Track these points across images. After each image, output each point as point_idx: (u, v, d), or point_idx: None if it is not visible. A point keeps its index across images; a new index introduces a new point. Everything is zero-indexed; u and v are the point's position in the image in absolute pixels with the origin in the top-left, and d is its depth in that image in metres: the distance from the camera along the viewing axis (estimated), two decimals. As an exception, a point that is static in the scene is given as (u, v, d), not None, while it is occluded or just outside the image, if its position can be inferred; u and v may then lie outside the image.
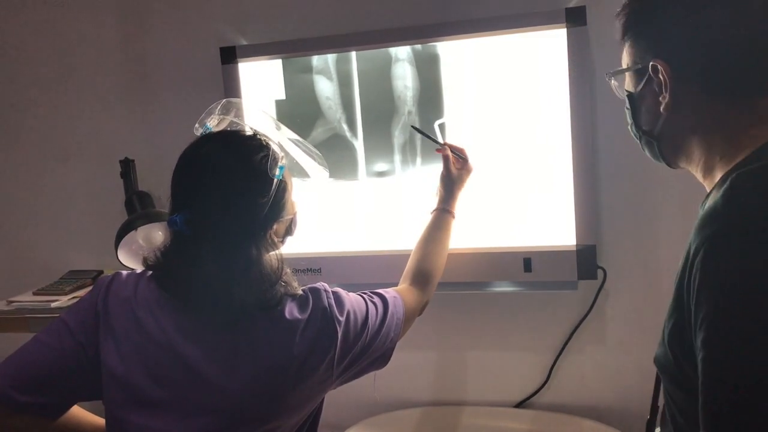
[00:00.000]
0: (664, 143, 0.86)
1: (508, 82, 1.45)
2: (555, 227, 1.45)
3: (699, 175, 0.85)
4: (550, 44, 1.40)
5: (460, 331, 1.66)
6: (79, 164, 1.83)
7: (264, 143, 1.01)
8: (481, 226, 1.50)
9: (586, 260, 1.43)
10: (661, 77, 0.81)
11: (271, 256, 1.02)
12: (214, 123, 1.06)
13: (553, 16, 1.38)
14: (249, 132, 1.04)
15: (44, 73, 1.82)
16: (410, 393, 1.70)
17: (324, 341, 1.00)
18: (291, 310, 1.00)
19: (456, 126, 1.49)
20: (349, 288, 1.12)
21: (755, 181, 0.68)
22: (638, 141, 0.92)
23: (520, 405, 1.64)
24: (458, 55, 1.47)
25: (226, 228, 0.97)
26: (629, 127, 0.92)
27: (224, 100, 1.10)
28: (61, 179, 1.86)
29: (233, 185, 0.97)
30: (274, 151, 1.00)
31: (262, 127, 1.08)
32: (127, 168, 1.67)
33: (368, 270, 1.55)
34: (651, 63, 0.81)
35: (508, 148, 1.47)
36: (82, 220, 1.85)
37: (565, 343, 1.58)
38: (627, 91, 0.89)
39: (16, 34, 1.82)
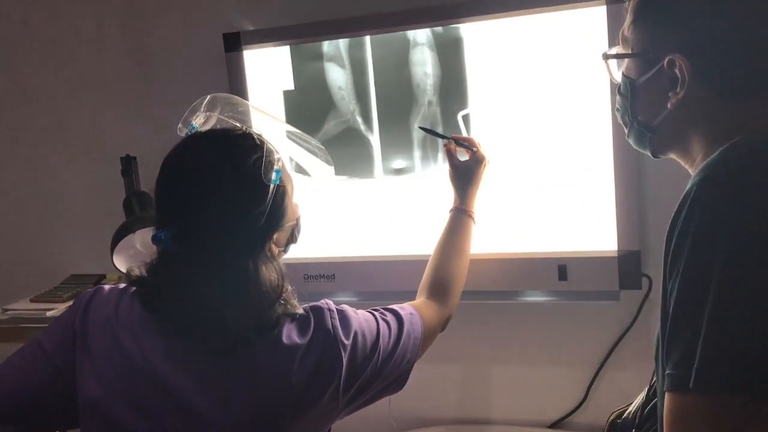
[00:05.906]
0: (660, 136, 0.88)
1: (540, 67, 1.39)
2: (594, 230, 1.40)
3: (691, 168, 0.88)
4: (588, 24, 1.33)
5: (487, 343, 1.62)
6: (81, 161, 1.84)
7: (258, 142, 0.95)
8: (511, 230, 1.45)
9: (629, 267, 1.37)
10: (677, 73, 0.81)
11: (271, 271, 0.95)
12: (200, 121, 1.02)
13: (592, -8, 1.32)
14: (240, 130, 0.98)
15: (43, 67, 1.83)
16: (432, 410, 1.66)
17: (326, 369, 0.93)
18: (289, 333, 0.93)
19: (482, 117, 1.44)
20: (366, 296, 1.02)
21: (744, 147, 0.75)
22: (625, 128, 0.93)
23: (554, 425, 1.59)
24: (484, 38, 1.42)
25: (219, 244, 0.91)
26: (618, 113, 0.93)
27: (210, 96, 1.05)
28: (62, 177, 1.86)
29: (224, 195, 0.91)
30: (269, 152, 0.94)
31: (257, 123, 1.03)
32: (129, 165, 1.62)
33: (386, 277, 1.51)
34: (669, 57, 0.81)
35: (540, 142, 1.41)
36: (85, 220, 1.85)
37: (605, 359, 1.53)
38: (627, 77, 0.89)
39: (15, 30, 1.84)
